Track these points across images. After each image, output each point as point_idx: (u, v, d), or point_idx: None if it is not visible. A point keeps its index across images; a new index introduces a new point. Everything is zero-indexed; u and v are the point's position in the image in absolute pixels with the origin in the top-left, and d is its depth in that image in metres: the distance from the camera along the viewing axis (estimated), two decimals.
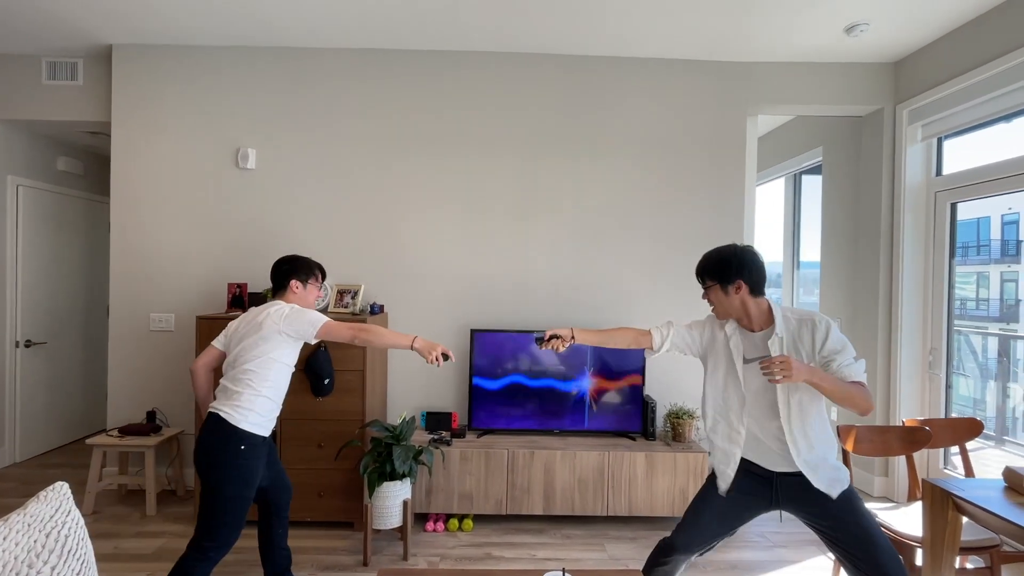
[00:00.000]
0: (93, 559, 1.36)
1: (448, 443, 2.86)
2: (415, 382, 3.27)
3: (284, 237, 3.26)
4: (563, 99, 3.29)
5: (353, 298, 3.09)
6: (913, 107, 3.18)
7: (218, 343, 2.08)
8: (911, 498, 2.32)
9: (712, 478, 1.78)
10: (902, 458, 3.14)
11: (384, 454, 2.53)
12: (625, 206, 3.30)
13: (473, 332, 3.06)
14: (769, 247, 5.16)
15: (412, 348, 2.01)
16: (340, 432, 2.75)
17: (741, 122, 3.34)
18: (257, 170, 3.27)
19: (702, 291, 1.75)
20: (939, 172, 3.20)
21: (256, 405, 1.93)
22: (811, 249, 4.62)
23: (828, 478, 1.61)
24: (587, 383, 3.04)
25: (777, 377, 1.45)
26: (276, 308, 2.01)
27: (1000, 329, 3.03)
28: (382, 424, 2.63)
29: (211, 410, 1.95)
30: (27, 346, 3.75)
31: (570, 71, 3.28)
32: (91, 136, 3.81)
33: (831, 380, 1.52)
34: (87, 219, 4.29)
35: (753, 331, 1.68)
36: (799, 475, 1.62)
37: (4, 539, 1.15)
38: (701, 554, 1.75)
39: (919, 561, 1.91)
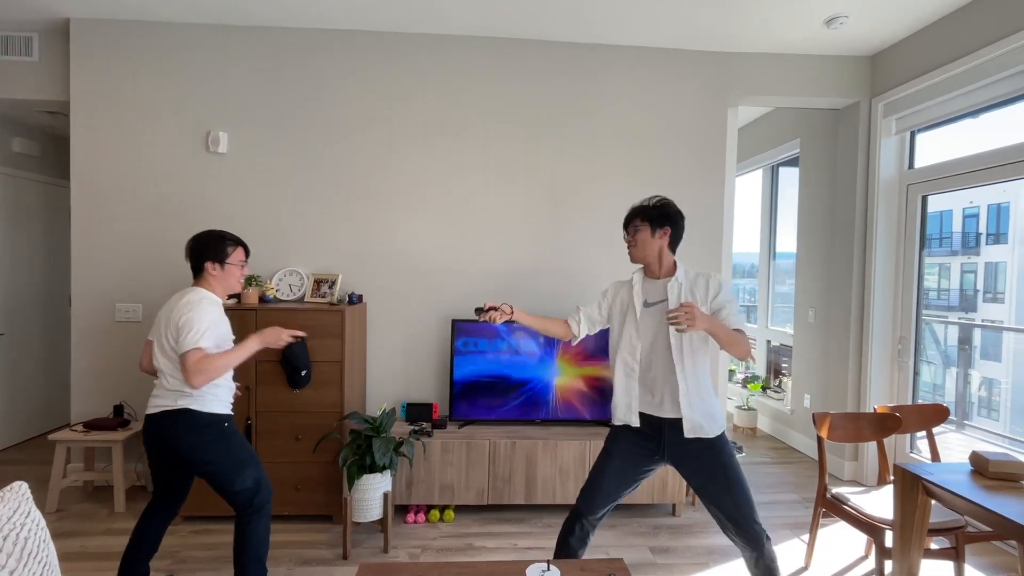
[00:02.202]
0: (56, 561, 1.30)
1: (429, 434, 2.84)
2: (395, 373, 3.22)
3: (257, 224, 3.15)
4: (543, 86, 3.24)
5: (331, 288, 3.02)
6: (888, 100, 3.24)
7: (152, 334, 1.98)
8: (881, 482, 2.40)
9: (610, 438, 1.92)
10: (871, 443, 3.25)
11: (364, 446, 2.49)
12: (606, 195, 3.29)
13: (454, 322, 3.02)
14: (746, 238, 5.25)
15: (259, 347, 1.98)
16: (318, 425, 2.69)
17: (722, 112, 3.35)
18: (229, 155, 3.14)
19: (626, 235, 1.91)
20: (911, 165, 3.28)
21: (218, 393, 1.92)
22: (787, 240, 4.71)
23: (704, 421, 1.78)
24: (570, 373, 3.04)
25: (683, 325, 1.58)
26: (183, 303, 1.86)
27: (959, 318, 3.15)
28: (361, 416, 2.58)
29: (174, 407, 1.86)
30: None
31: (550, 58, 3.24)
32: (49, 116, 3.61)
33: (724, 328, 1.70)
34: (46, 204, 4.07)
35: (657, 278, 1.88)
36: (682, 422, 1.79)
37: None
38: (604, 512, 1.89)
39: (889, 543, 1.97)
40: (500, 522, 2.81)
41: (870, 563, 2.47)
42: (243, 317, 2.66)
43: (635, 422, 1.85)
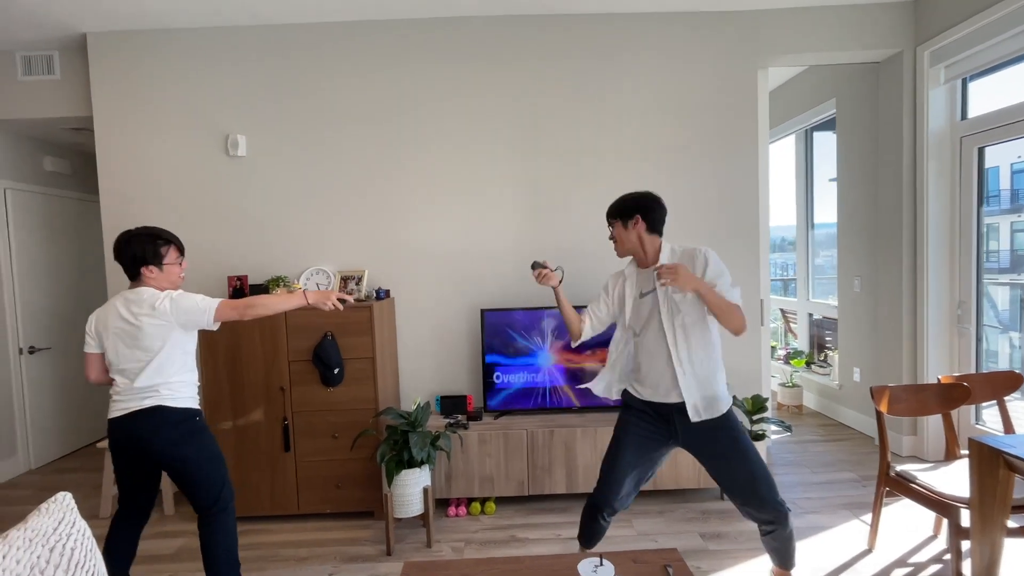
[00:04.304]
0: (103, 570, 1.29)
1: (465, 427, 2.79)
2: (427, 367, 3.19)
3: (281, 225, 3.14)
4: (563, 63, 3.12)
5: (357, 284, 2.99)
6: (935, 47, 2.99)
7: (92, 347, 1.91)
8: (950, 457, 2.23)
9: (620, 426, 1.91)
10: (931, 417, 3.06)
11: (400, 442, 2.46)
12: (633, 172, 3.16)
13: (483, 312, 2.96)
14: (776, 211, 4.99)
15: (309, 304, 1.98)
16: (354, 422, 2.68)
17: (751, 76, 3.16)
18: (248, 157, 3.14)
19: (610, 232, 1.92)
20: (964, 116, 3.03)
21: (186, 390, 1.91)
22: (823, 209, 4.48)
23: (706, 398, 1.76)
24: (607, 358, 2.94)
25: (664, 280, 1.62)
26: (154, 303, 1.82)
27: (1010, 280, 2.93)
28: (396, 411, 2.56)
29: (143, 407, 1.83)
30: (31, 352, 3.69)
31: (569, 32, 3.11)
32: (75, 133, 3.68)
33: (715, 294, 1.69)
34: (79, 219, 4.18)
35: (647, 267, 1.86)
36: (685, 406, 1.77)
37: (3, 558, 1.07)
38: (623, 505, 1.88)
39: (965, 522, 1.83)
40: (542, 512, 2.76)
41: (940, 543, 2.31)
42: (273, 318, 2.65)
43: (615, 396, 1.93)
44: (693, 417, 1.75)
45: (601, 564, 1.22)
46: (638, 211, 1.84)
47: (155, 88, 3.12)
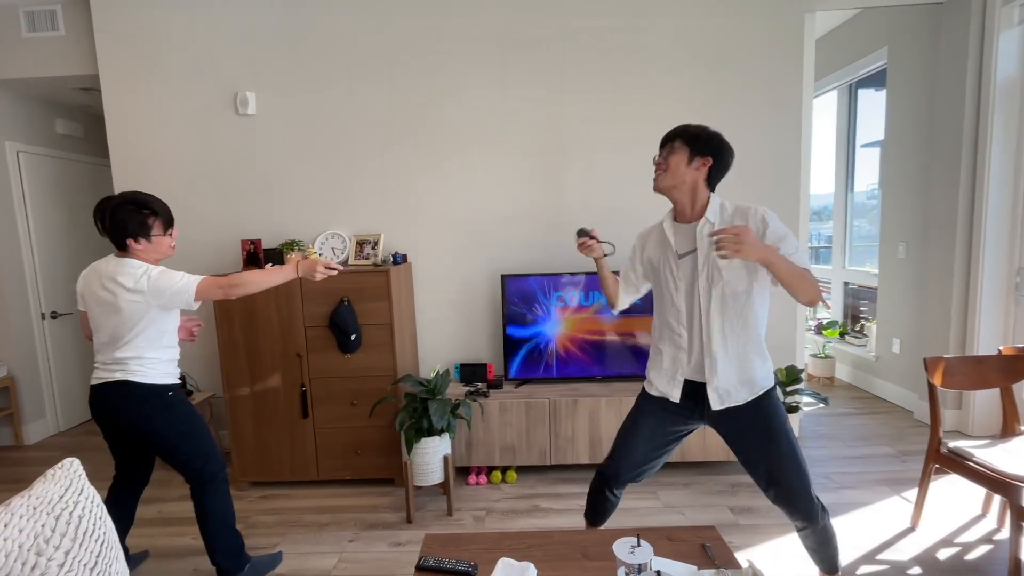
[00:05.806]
0: (115, 538, 1.24)
1: (485, 395, 2.72)
2: (446, 334, 3.10)
3: (294, 187, 3.03)
4: (590, 10, 2.88)
5: (373, 248, 2.89)
6: None
7: (81, 306, 1.85)
8: (1008, 433, 2.07)
9: (640, 399, 1.69)
10: (977, 391, 2.88)
11: (420, 410, 2.39)
12: (664, 129, 2.94)
13: (504, 278, 2.83)
14: (819, 174, 4.70)
15: (299, 276, 1.88)
16: (372, 389, 2.62)
17: (797, 20, 2.89)
18: (258, 116, 3.00)
19: (662, 153, 1.57)
20: None
21: (159, 367, 1.82)
22: (863, 174, 4.19)
23: (737, 384, 1.51)
24: (629, 326, 2.81)
25: (725, 251, 1.30)
26: (133, 282, 1.71)
27: None
28: (415, 379, 2.48)
29: (112, 379, 1.77)
30: (53, 318, 3.70)
31: None
32: (85, 94, 3.57)
33: (786, 261, 1.36)
34: (93, 184, 4.11)
35: (687, 221, 1.55)
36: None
37: (5, 526, 1.02)
38: (635, 480, 1.69)
39: None
40: (565, 482, 2.69)
41: (989, 523, 2.18)
42: (288, 284, 2.57)
43: (676, 396, 1.58)
44: (715, 404, 1.51)
45: (639, 544, 1.12)
46: (713, 153, 1.49)
47: (161, 43, 2.98)
